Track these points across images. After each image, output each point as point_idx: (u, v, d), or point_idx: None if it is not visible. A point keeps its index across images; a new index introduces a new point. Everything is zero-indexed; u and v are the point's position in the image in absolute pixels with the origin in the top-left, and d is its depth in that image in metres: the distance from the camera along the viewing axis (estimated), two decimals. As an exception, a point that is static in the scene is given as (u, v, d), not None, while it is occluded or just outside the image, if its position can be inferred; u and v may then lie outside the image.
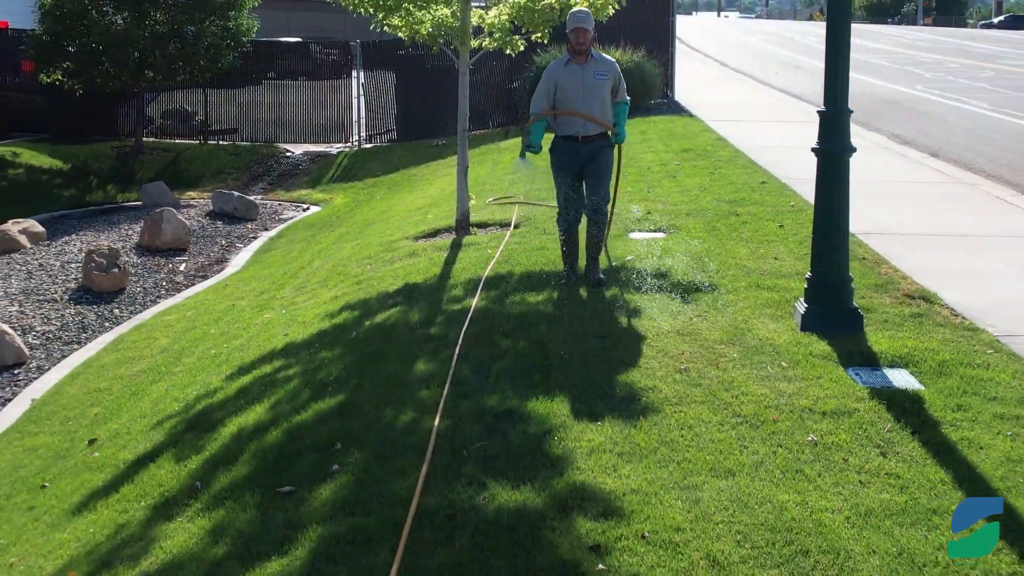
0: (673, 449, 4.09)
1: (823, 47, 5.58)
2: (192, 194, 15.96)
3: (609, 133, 6.43)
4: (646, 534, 3.45)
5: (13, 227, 12.15)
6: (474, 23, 8.73)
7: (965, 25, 69.98)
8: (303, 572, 3.44)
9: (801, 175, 9.74)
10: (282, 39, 26.47)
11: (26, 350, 8.25)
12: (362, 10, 8.77)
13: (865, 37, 41.81)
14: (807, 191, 8.26)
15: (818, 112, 5.62)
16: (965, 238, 8.12)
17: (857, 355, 5.15)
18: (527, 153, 6.52)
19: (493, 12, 8.73)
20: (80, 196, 15.55)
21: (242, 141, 20.17)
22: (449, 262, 7.71)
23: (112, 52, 16.86)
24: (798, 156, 10.71)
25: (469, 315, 5.96)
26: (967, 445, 4.11)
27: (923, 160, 12.25)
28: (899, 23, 72.59)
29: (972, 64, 27.63)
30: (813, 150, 5.65)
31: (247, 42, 18.90)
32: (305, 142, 20.36)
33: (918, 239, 7.95)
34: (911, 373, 4.93)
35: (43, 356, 8.31)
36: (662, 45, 18.28)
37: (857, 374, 4.93)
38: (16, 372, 7.91)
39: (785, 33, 43.59)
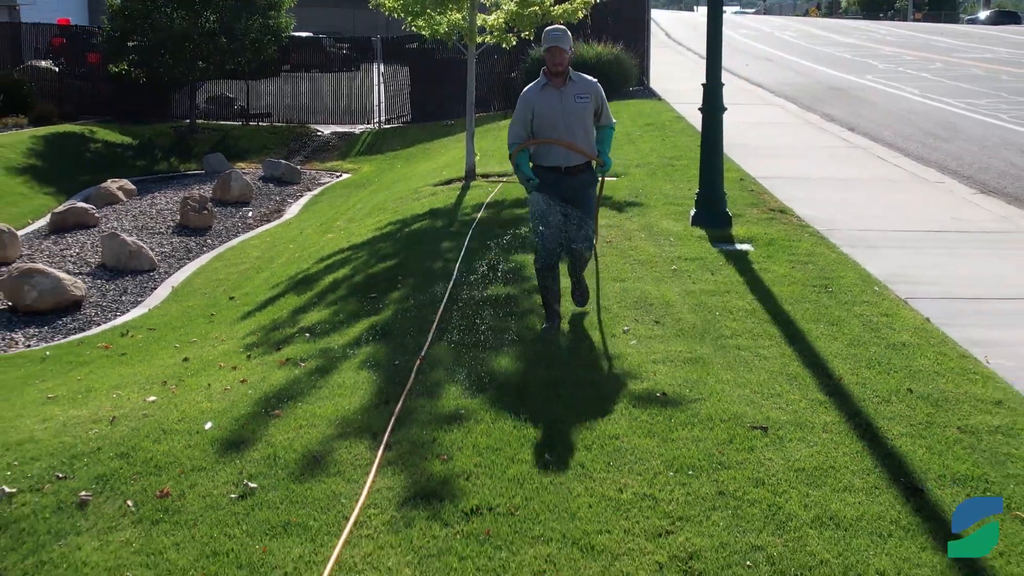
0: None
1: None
2: (242, 165, 19.03)
3: (594, 164, 5.88)
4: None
5: (112, 185, 15.31)
6: (478, 24, 11.82)
7: (957, 20, 71.51)
8: (391, 320, 6.50)
9: (730, 141, 12.71)
10: (296, 34, 29.43)
11: (155, 260, 11.38)
12: (395, 14, 11.87)
13: (838, 32, 44.81)
14: (730, 151, 11.27)
15: (702, 84, 8.67)
16: (836, 181, 11.17)
17: (721, 237, 8.21)
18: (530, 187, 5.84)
19: (493, 16, 11.86)
20: (150, 166, 18.69)
21: (278, 122, 23.29)
22: (461, 197, 10.80)
23: (171, 47, 19.93)
24: (734, 128, 13.71)
25: (476, 220, 9.03)
26: (762, 271, 7.18)
27: (839, 133, 15.29)
28: (892, 18, 75.02)
29: (926, 57, 30.62)
30: (699, 109, 8.71)
31: (285, 37, 21.96)
32: (332, 123, 23.45)
33: (800, 181, 11.01)
34: (751, 245, 7.99)
35: (165, 267, 11.43)
36: (639, 39, 21.36)
37: (716, 245, 7.99)
38: (151, 274, 11.04)
39: (765, 28, 46.81)
